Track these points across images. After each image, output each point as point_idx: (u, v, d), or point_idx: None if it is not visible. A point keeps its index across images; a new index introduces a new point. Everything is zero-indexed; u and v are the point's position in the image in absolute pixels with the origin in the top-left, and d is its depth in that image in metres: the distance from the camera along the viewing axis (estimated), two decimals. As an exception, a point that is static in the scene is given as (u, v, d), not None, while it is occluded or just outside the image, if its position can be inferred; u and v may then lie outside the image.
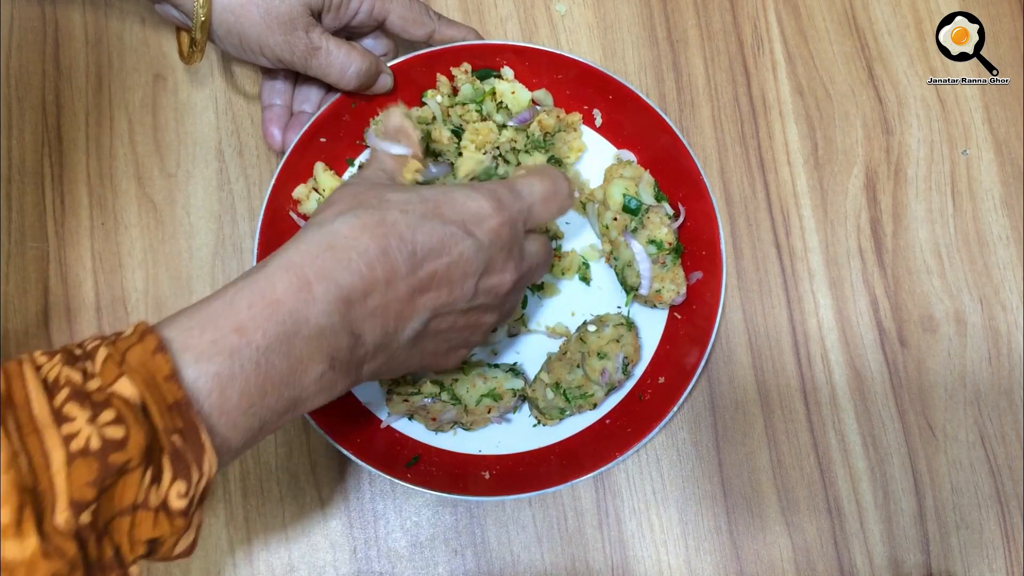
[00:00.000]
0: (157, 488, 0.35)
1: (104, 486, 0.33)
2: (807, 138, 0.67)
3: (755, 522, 0.61)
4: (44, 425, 0.32)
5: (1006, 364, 0.63)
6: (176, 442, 0.35)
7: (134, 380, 0.35)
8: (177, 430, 0.35)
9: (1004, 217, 0.66)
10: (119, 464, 0.33)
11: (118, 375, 0.35)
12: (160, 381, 0.35)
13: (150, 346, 0.36)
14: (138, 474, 0.34)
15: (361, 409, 0.62)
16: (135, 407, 0.34)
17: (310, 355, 0.40)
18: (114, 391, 0.34)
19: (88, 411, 0.33)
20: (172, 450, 0.35)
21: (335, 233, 0.42)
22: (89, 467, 0.32)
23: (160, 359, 0.36)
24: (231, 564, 0.60)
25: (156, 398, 0.35)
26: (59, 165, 0.65)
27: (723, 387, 0.63)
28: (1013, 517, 0.61)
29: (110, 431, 0.33)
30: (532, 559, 0.60)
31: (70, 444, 0.32)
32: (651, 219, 0.60)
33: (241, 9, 0.53)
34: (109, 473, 0.33)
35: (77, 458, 0.32)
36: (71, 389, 0.34)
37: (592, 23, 0.69)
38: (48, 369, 0.34)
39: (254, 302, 0.39)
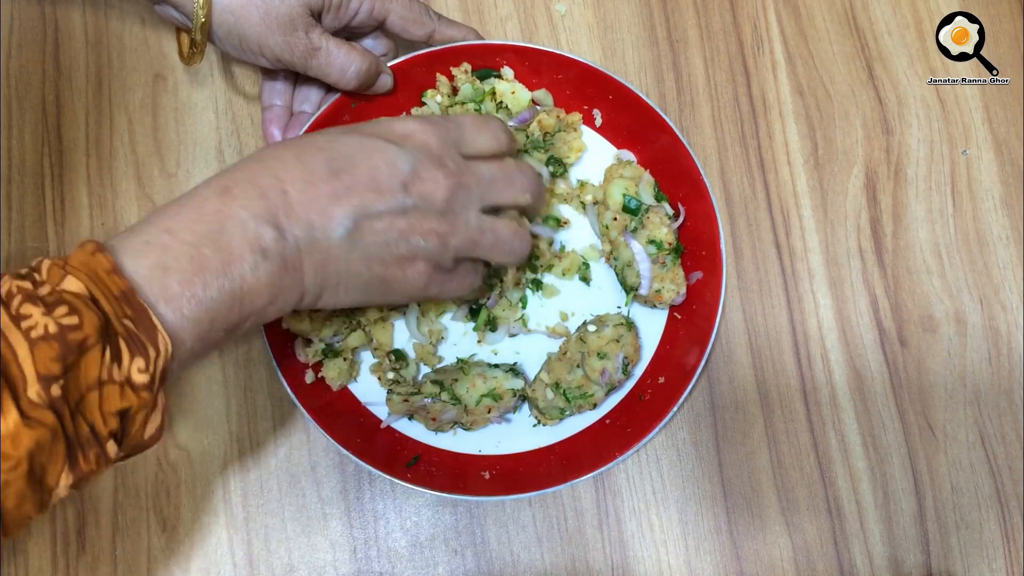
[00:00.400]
0: (119, 366, 0.38)
1: (68, 363, 0.36)
2: (807, 138, 0.67)
3: (755, 522, 0.61)
4: (6, 328, 0.35)
5: (1006, 364, 0.63)
6: (128, 326, 0.38)
7: (78, 277, 0.38)
8: (127, 316, 0.38)
9: (1004, 217, 0.66)
10: (78, 341, 0.36)
11: (63, 276, 0.38)
12: (103, 275, 0.39)
13: (89, 249, 0.39)
14: (97, 352, 0.37)
15: (361, 409, 0.62)
16: (84, 298, 0.37)
17: (238, 245, 0.43)
18: (63, 288, 0.38)
19: (42, 307, 0.36)
20: (126, 332, 0.38)
21: (261, 153, 0.47)
22: (50, 347, 0.35)
23: (100, 258, 0.39)
24: (231, 564, 0.60)
25: (102, 290, 0.38)
26: (59, 165, 0.65)
27: (723, 387, 0.63)
28: (1013, 517, 0.61)
29: (65, 319, 0.36)
30: (532, 559, 0.60)
31: (30, 334, 0.35)
32: (651, 219, 0.60)
33: (241, 10, 0.53)
34: (70, 350, 0.36)
35: (39, 343, 0.35)
36: (23, 295, 0.37)
37: (592, 23, 0.69)
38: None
39: (180, 210, 0.43)
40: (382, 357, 0.62)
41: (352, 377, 0.62)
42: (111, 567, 0.59)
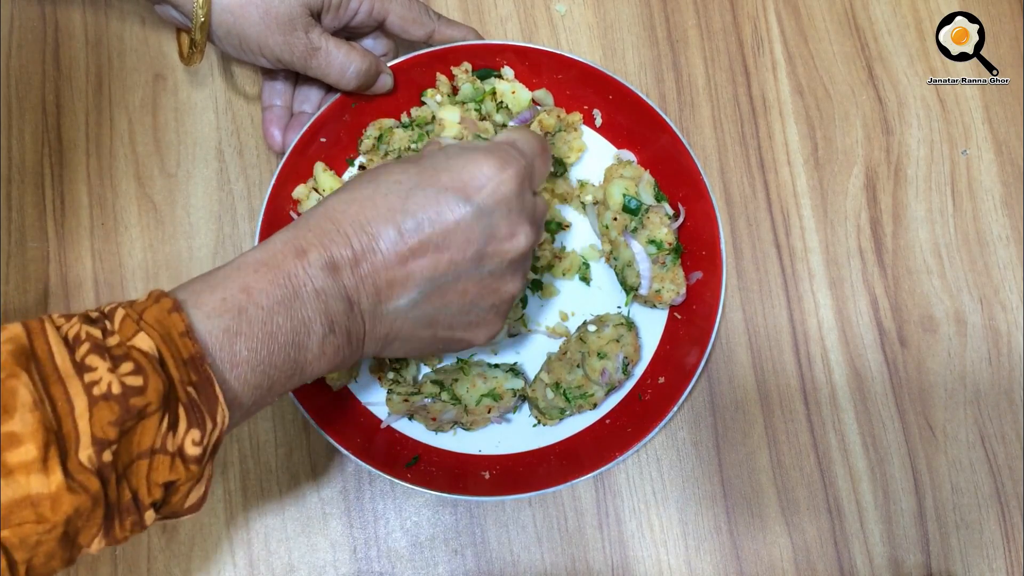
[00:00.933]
0: (173, 435, 0.36)
1: (125, 428, 0.34)
2: (807, 138, 0.67)
3: (755, 522, 0.61)
4: (67, 375, 0.34)
5: (1006, 364, 0.63)
6: (191, 393, 0.37)
7: (151, 335, 0.37)
8: (192, 383, 0.37)
9: (1004, 217, 0.66)
10: (139, 407, 0.35)
11: (136, 331, 0.37)
12: (175, 337, 0.38)
13: (165, 306, 0.38)
14: (156, 419, 0.36)
15: (361, 409, 0.62)
16: (153, 359, 0.36)
17: (311, 317, 0.42)
18: (133, 344, 0.36)
19: (108, 362, 0.35)
20: (187, 400, 0.37)
21: (329, 207, 0.45)
22: (111, 409, 0.34)
23: (175, 317, 0.38)
24: (231, 564, 0.60)
25: (172, 352, 0.37)
26: (59, 165, 0.65)
27: (723, 387, 0.63)
28: (1013, 517, 0.61)
29: (130, 379, 0.35)
30: (532, 559, 0.60)
31: (92, 390, 0.34)
32: (651, 219, 0.60)
33: (240, 10, 0.53)
34: (130, 415, 0.35)
35: (99, 401, 0.34)
36: (91, 343, 0.35)
37: (592, 23, 0.69)
38: (68, 328, 0.36)
39: (258, 268, 0.42)
40: (382, 358, 0.62)
41: (352, 377, 0.62)
42: (111, 567, 0.59)
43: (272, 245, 0.43)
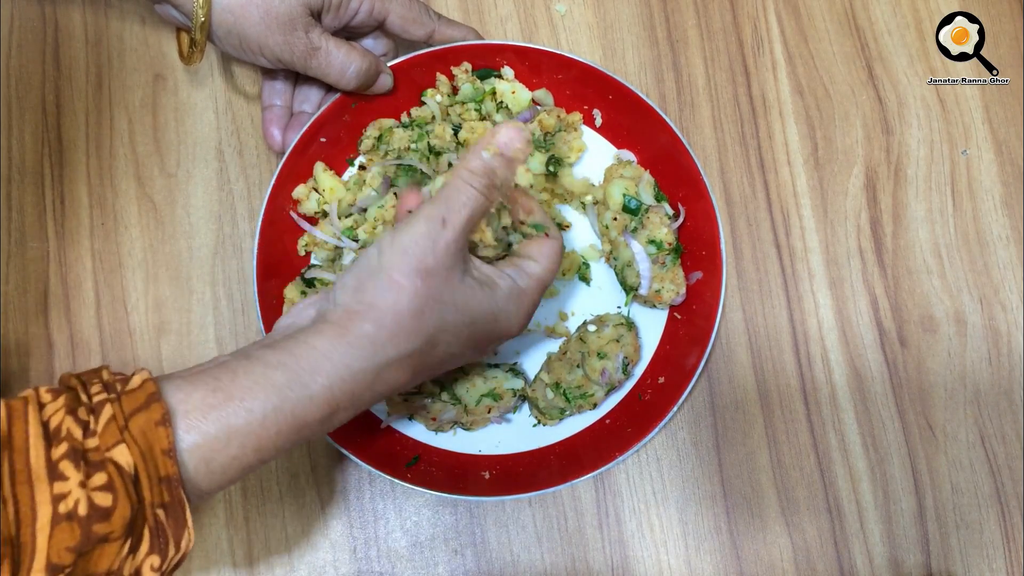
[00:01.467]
0: (133, 558, 0.35)
1: (82, 552, 0.34)
2: (807, 138, 0.67)
3: (755, 522, 0.61)
4: (37, 477, 0.33)
5: (1006, 364, 0.63)
6: (159, 516, 0.36)
7: (131, 450, 0.36)
8: (163, 504, 0.36)
9: (1004, 217, 0.66)
10: (101, 534, 0.34)
11: (117, 441, 0.36)
12: (157, 453, 0.36)
13: (154, 416, 0.37)
14: (117, 545, 0.35)
15: (361, 409, 0.62)
16: (128, 476, 0.35)
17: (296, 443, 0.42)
18: (111, 456, 0.35)
19: (82, 472, 0.34)
20: (154, 524, 0.36)
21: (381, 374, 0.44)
22: (72, 532, 0.33)
23: (162, 432, 0.37)
24: (231, 564, 0.60)
25: (149, 471, 0.36)
26: (59, 165, 0.65)
27: (723, 387, 0.63)
28: (1013, 517, 0.61)
29: (99, 497, 0.34)
30: (532, 559, 0.60)
31: (58, 505, 0.33)
32: (651, 219, 0.60)
33: (241, 10, 0.53)
34: (90, 541, 0.34)
35: (62, 521, 0.33)
36: (69, 445, 0.34)
37: (592, 23, 0.69)
38: (51, 412, 0.35)
39: (283, 429, 0.41)
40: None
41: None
42: (111, 567, 0.59)
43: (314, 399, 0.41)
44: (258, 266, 0.59)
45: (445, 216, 0.44)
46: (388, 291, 0.43)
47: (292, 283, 0.61)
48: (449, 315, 0.44)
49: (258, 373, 0.40)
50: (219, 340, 0.63)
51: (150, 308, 0.63)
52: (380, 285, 0.43)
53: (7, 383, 0.61)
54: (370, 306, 0.43)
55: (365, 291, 0.43)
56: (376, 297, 0.43)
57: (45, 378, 0.62)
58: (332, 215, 0.62)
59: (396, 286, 0.43)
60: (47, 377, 0.62)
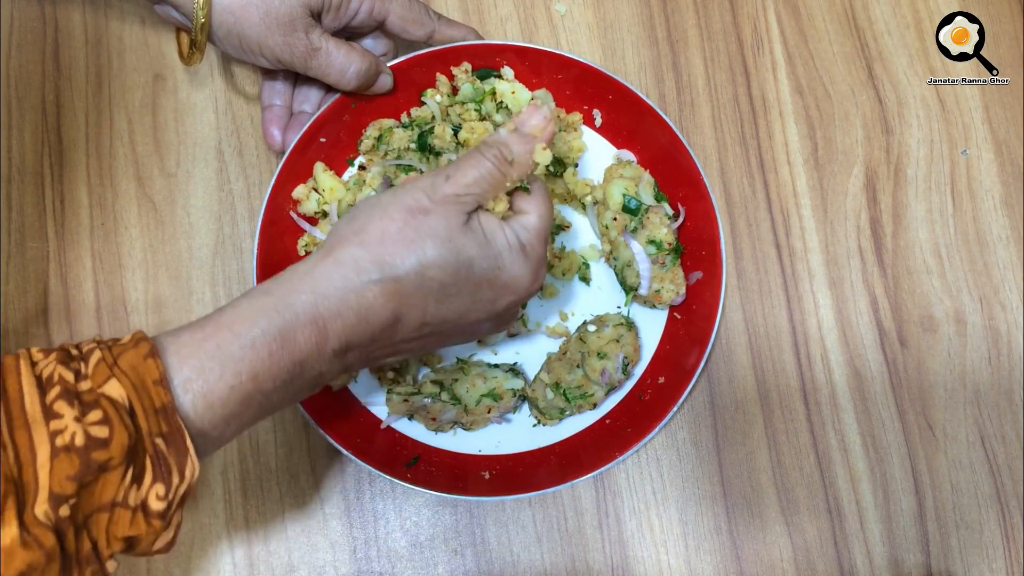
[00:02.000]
0: (137, 488, 0.36)
1: (84, 482, 0.34)
2: (807, 138, 0.67)
3: (755, 522, 0.61)
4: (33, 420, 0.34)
5: (1006, 364, 0.63)
6: (159, 445, 0.36)
7: (123, 383, 0.36)
8: (161, 434, 0.36)
9: (1004, 217, 0.66)
10: (100, 461, 0.34)
11: (108, 377, 0.36)
12: (148, 384, 0.37)
13: (142, 351, 0.37)
14: (118, 473, 0.35)
15: (361, 409, 0.62)
16: (122, 408, 0.36)
17: (305, 388, 0.44)
18: (103, 392, 0.36)
19: (76, 409, 0.35)
20: (155, 453, 0.36)
21: (365, 294, 0.43)
22: (71, 462, 0.34)
23: (151, 364, 0.37)
24: (231, 564, 0.60)
25: (143, 401, 0.36)
26: (59, 165, 0.65)
27: (723, 387, 0.63)
28: (1013, 517, 0.61)
29: (95, 430, 0.34)
30: (532, 559, 0.60)
31: (55, 440, 0.34)
32: (651, 219, 0.60)
33: (241, 10, 0.53)
34: (90, 470, 0.34)
35: (61, 453, 0.34)
36: (62, 387, 0.35)
37: (592, 23, 0.69)
38: (43, 366, 0.36)
39: (274, 350, 0.41)
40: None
41: (352, 377, 0.62)
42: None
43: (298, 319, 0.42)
44: (258, 266, 0.59)
45: (450, 173, 0.45)
46: (379, 219, 0.44)
47: (292, 283, 0.61)
48: (440, 250, 0.44)
49: (243, 303, 0.42)
50: (219, 340, 0.63)
51: (150, 308, 0.63)
52: (372, 215, 0.44)
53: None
54: (357, 231, 0.44)
55: (357, 219, 0.44)
56: (366, 223, 0.44)
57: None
58: (332, 215, 0.62)
59: (387, 216, 0.44)
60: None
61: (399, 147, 0.63)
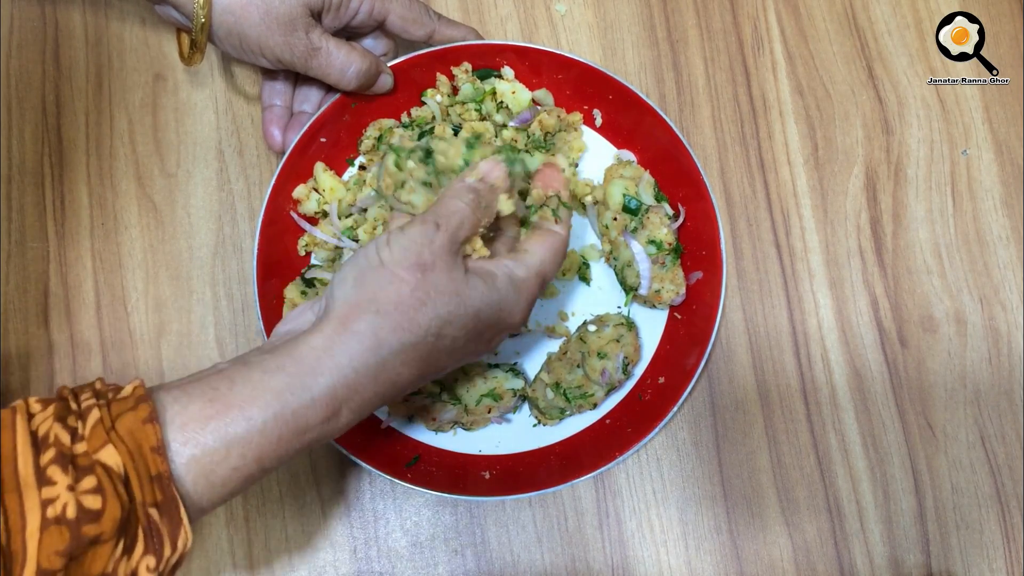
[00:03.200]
0: (128, 560, 0.35)
1: (74, 555, 0.33)
2: (807, 138, 0.67)
3: (755, 522, 0.61)
4: (26, 484, 0.33)
5: (1006, 364, 0.63)
6: (152, 515, 0.36)
7: (119, 451, 0.35)
8: (155, 503, 0.36)
9: (1004, 217, 0.66)
10: (91, 536, 0.34)
11: (104, 443, 0.35)
12: (146, 451, 0.36)
13: (141, 415, 0.37)
14: (109, 546, 0.34)
15: (361, 409, 0.62)
16: (117, 477, 0.35)
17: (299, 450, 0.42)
18: (98, 459, 0.35)
19: (70, 476, 0.34)
20: (147, 524, 0.35)
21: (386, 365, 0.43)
22: (61, 536, 0.33)
23: (149, 430, 0.36)
24: (231, 564, 0.60)
25: (139, 468, 0.36)
26: (59, 165, 0.65)
27: (723, 387, 0.63)
28: (1013, 517, 0.61)
29: (88, 500, 0.34)
30: (532, 559, 0.60)
31: (47, 509, 0.33)
32: (651, 219, 0.60)
33: (241, 11, 0.53)
34: (80, 544, 0.33)
35: (51, 525, 0.33)
36: (57, 450, 0.34)
37: (592, 23, 0.69)
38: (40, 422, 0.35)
39: (284, 435, 0.40)
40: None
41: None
42: (111, 567, 0.59)
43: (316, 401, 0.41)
44: (258, 266, 0.59)
45: (437, 221, 0.45)
46: (390, 283, 0.43)
47: (292, 283, 0.61)
48: (452, 307, 0.44)
49: (256, 379, 0.40)
50: (219, 340, 0.63)
51: (150, 308, 0.63)
52: (381, 278, 0.43)
53: (7, 383, 0.61)
54: (372, 299, 0.43)
55: (366, 285, 0.43)
56: (378, 290, 0.43)
57: (44, 378, 0.62)
58: (332, 215, 0.62)
59: (397, 279, 0.43)
60: (46, 377, 0.62)
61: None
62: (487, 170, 0.48)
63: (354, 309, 0.43)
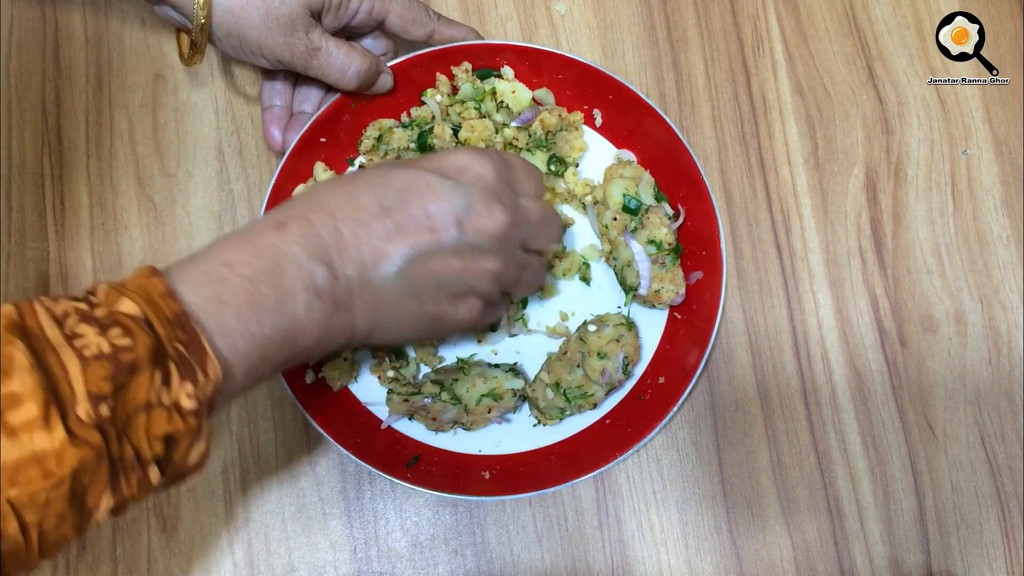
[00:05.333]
0: (168, 389, 0.37)
1: (118, 383, 0.35)
2: (807, 138, 0.67)
3: (755, 522, 0.61)
4: (58, 344, 0.35)
5: (1006, 364, 0.63)
6: (180, 349, 0.38)
7: (134, 299, 0.38)
8: (179, 339, 0.38)
9: (1004, 217, 0.66)
10: (129, 362, 0.36)
11: (119, 298, 0.38)
12: (157, 298, 0.38)
13: (144, 273, 0.39)
14: (148, 375, 0.36)
15: (361, 409, 0.62)
16: (139, 320, 0.37)
17: (293, 283, 0.43)
18: (118, 310, 0.37)
19: (96, 328, 0.36)
20: (177, 356, 0.37)
21: (315, 189, 0.47)
22: (103, 367, 0.35)
23: (155, 281, 0.39)
24: (231, 564, 0.60)
25: (156, 313, 0.38)
26: (59, 165, 0.65)
27: (723, 387, 0.63)
28: (1013, 517, 0.61)
29: (119, 340, 0.36)
30: (532, 559, 0.60)
31: (83, 352, 0.35)
32: (651, 219, 0.60)
33: (241, 11, 0.53)
34: (121, 370, 0.35)
35: (91, 362, 0.35)
36: (79, 315, 0.36)
37: (592, 23, 0.69)
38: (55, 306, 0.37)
39: (237, 243, 0.43)
40: (382, 357, 0.62)
41: (352, 377, 0.62)
42: (111, 567, 0.59)
43: (252, 224, 0.45)
44: (258, 266, 0.59)
45: None
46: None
47: (292, 283, 0.61)
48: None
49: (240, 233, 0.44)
50: (219, 340, 0.63)
51: (150, 308, 0.63)
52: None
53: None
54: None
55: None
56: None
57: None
58: (332, 215, 0.62)
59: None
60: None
61: (399, 147, 0.63)
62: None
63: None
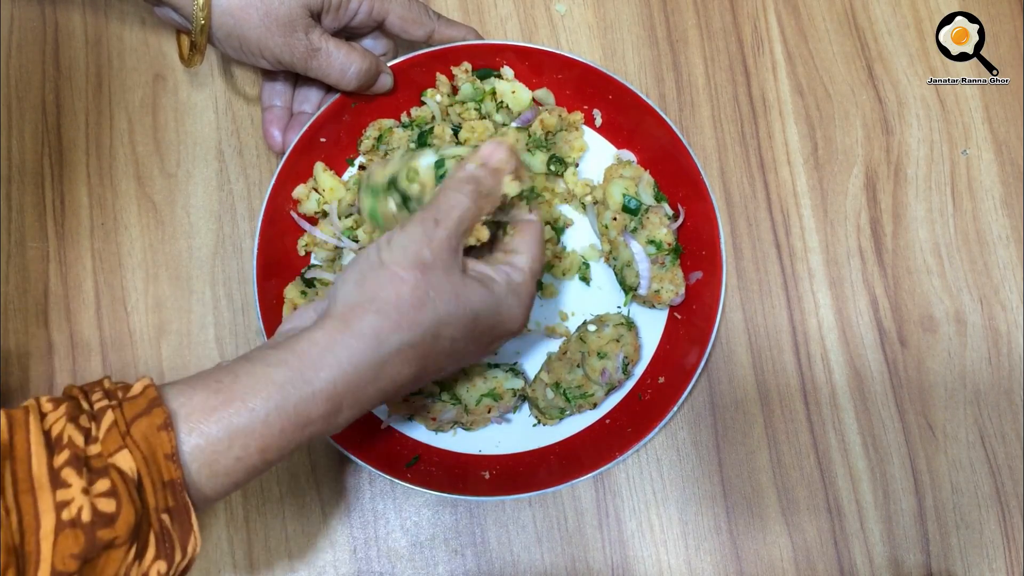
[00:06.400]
0: (139, 564, 0.35)
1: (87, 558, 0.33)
2: (807, 138, 0.67)
3: (755, 522, 0.61)
4: (40, 485, 0.33)
5: (1006, 364, 0.63)
6: (164, 521, 0.36)
7: (134, 455, 0.36)
8: (167, 509, 0.36)
9: (1004, 217, 0.66)
10: (105, 540, 0.34)
11: (119, 447, 0.36)
12: (160, 458, 0.36)
13: (156, 420, 0.37)
14: (122, 551, 0.35)
15: (361, 409, 0.62)
16: (131, 482, 0.35)
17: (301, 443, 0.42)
18: (113, 462, 0.35)
19: (84, 479, 0.34)
20: (159, 529, 0.36)
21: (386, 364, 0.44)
22: (76, 539, 0.33)
23: (164, 437, 0.37)
24: (231, 564, 0.60)
25: (153, 475, 0.36)
26: (59, 165, 0.65)
27: (723, 387, 0.63)
28: (1013, 517, 0.61)
29: (102, 503, 0.34)
30: (532, 559, 0.60)
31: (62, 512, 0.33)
32: (650, 219, 0.60)
33: (241, 12, 0.53)
34: (94, 548, 0.33)
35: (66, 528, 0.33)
36: (71, 452, 0.34)
37: (592, 23, 0.69)
38: (52, 421, 0.35)
39: (286, 427, 0.41)
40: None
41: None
42: (111, 567, 0.59)
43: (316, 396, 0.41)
44: (258, 266, 0.59)
45: (437, 217, 0.45)
46: (390, 283, 0.43)
47: (292, 283, 0.61)
48: (451, 307, 0.45)
49: (259, 373, 0.41)
50: (219, 340, 0.63)
51: (150, 308, 0.63)
52: (381, 278, 0.44)
53: (6, 383, 0.61)
54: (372, 299, 0.43)
55: (366, 285, 0.44)
56: (378, 289, 0.43)
57: (45, 378, 0.62)
58: (332, 215, 0.62)
59: (397, 278, 0.43)
60: (47, 377, 0.62)
61: (399, 147, 0.63)
62: (488, 154, 0.47)
63: (355, 308, 0.43)
